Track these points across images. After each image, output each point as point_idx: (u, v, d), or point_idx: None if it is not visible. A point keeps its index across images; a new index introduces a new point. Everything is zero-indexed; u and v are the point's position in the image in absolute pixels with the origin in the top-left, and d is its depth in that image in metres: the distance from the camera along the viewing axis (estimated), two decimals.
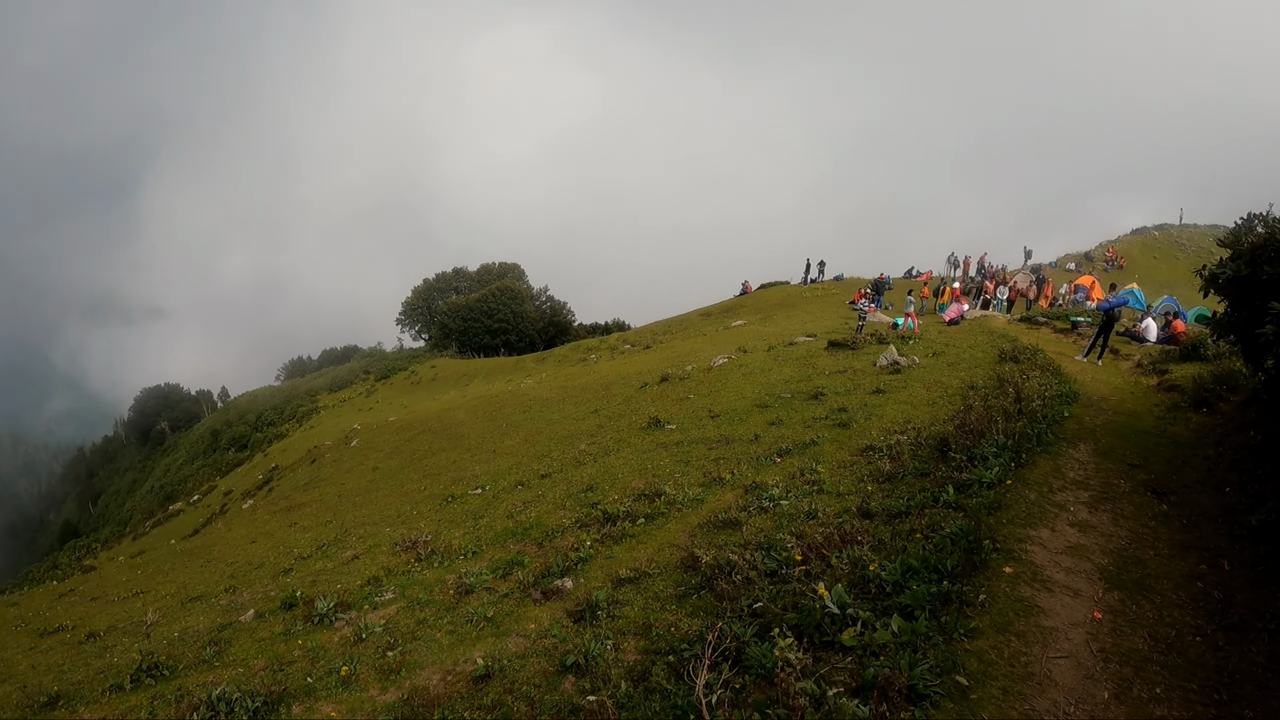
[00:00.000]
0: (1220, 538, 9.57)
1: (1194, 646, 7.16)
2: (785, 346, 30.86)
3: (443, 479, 23.15)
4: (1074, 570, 8.51)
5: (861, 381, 20.43)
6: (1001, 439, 12.12)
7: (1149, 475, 11.77)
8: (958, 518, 9.25)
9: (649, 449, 18.22)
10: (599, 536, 12.31)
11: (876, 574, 8.04)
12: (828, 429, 15.86)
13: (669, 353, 40.86)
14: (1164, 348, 22.79)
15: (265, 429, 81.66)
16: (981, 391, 16.52)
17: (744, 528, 11.01)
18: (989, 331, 27.75)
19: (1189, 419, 14.70)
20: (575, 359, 60.77)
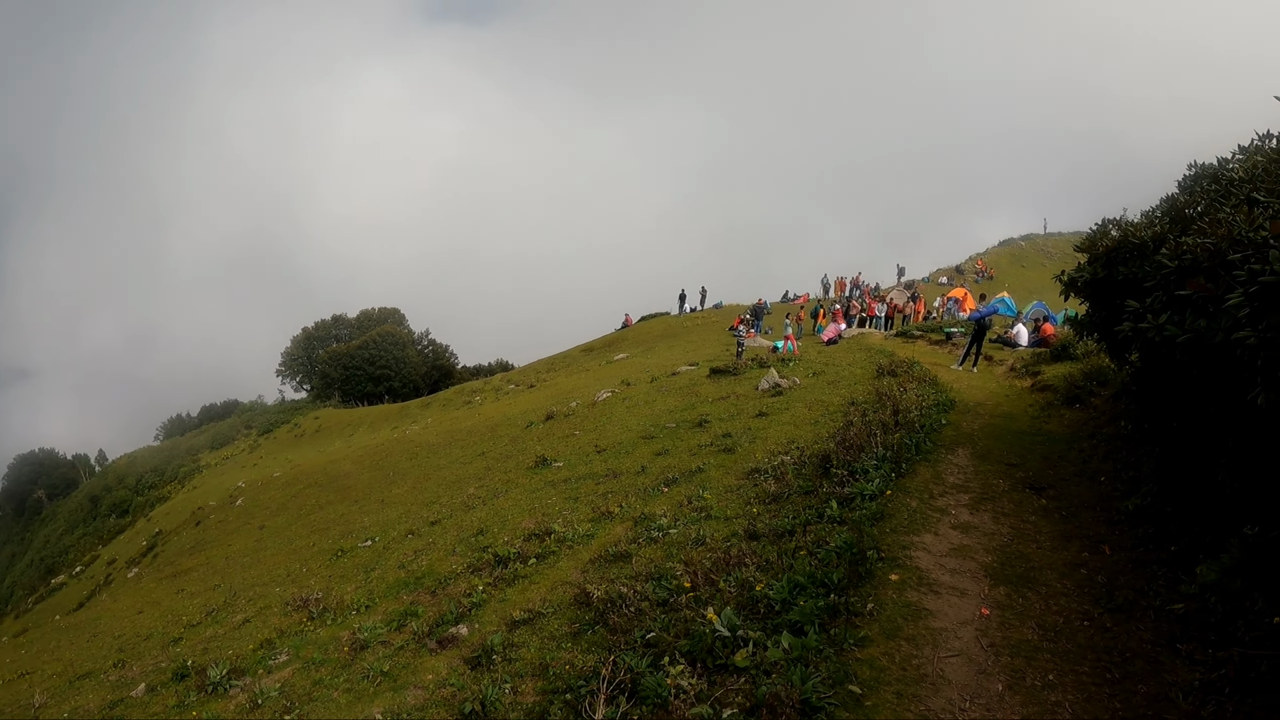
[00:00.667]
0: (1099, 525, 9.94)
1: (1082, 631, 7.37)
2: (668, 377, 31.26)
3: (332, 533, 22.65)
4: (959, 571, 8.71)
5: (744, 406, 20.73)
6: (881, 451, 12.40)
7: (1027, 473, 12.20)
8: (842, 531, 9.39)
9: (537, 488, 18.21)
10: (491, 580, 12.28)
11: (764, 593, 8.08)
12: (713, 455, 16.02)
13: (553, 390, 40.99)
14: (1035, 350, 23.68)
15: (147, 492, 78.54)
16: (861, 407, 16.88)
17: (634, 559, 11.06)
18: (866, 348, 28.46)
19: (1062, 416, 15.27)
20: (460, 402, 60.25)
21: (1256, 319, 5.29)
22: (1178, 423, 10.03)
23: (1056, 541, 9.52)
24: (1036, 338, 26.28)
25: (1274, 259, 5.19)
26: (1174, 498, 9.56)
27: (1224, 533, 7.99)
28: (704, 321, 56.24)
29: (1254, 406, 5.39)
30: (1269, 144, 10.16)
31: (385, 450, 38.05)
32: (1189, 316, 7.14)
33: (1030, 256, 75.55)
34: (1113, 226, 11.58)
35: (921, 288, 56.45)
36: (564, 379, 46.96)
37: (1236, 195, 9.22)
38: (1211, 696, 6.10)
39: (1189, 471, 9.39)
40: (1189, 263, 7.75)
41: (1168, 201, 11.05)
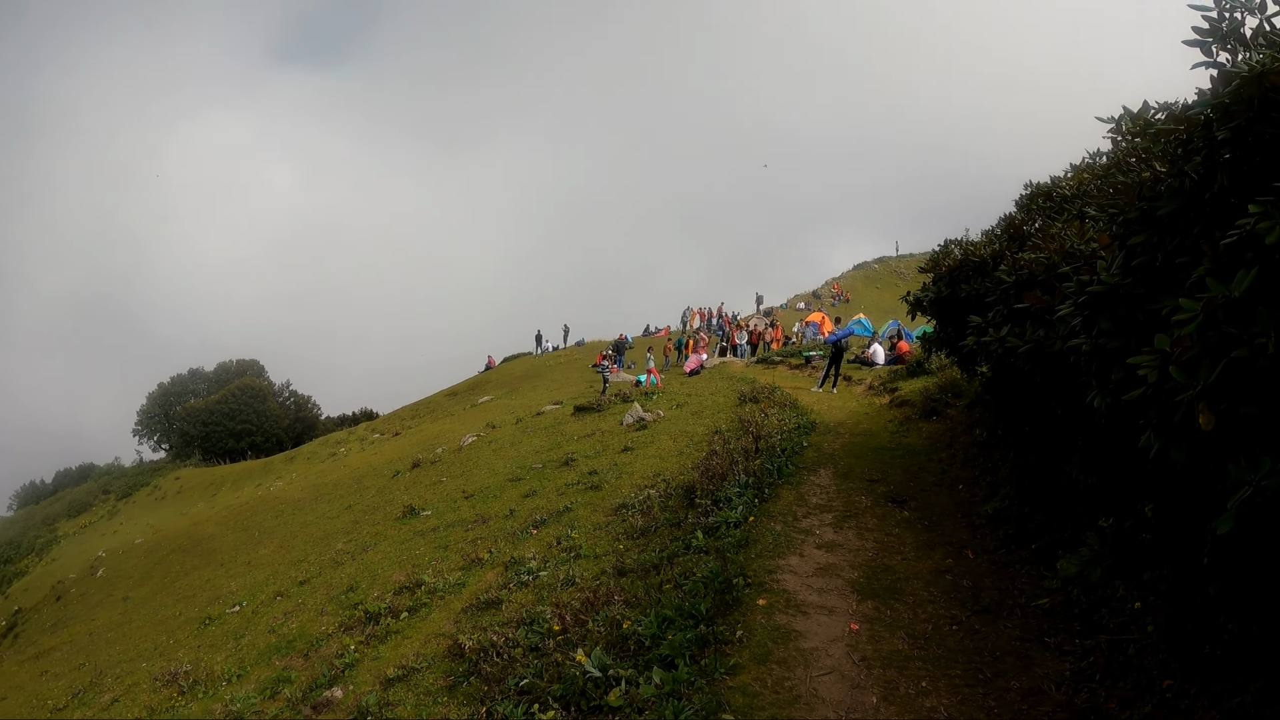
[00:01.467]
0: (961, 531, 10.23)
1: (952, 635, 7.51)
2: (533, 417, 31.16)
3: (198, 600, 21.67)
4: (826, 589, 8.79)
5: (610, 442, 20.74)
6: (744, 478, 12.50)
7: (888, 487, 12.46)
8: (709, 560, 9.40)
9: (407, 539, 17.82)
10: (364, 638, 11.91)
11: (634, 630, 8.01)
12: (581, 493, 15.93)
13: (419, 437, 40.51)
14: (892, 368, 24.39)
15: (2, 567, 73.34)
16: (724, 435, 17.03)
17: (505, 606, 10.85)
18: (728, 377, 28.90)
19: (921, 429, 15.72)
20: (325, 454, 58.84)
21: (1088, 326, 5.52)
22: (1029, 427, 10.42)
23: (920, 551, 9.72)
24: (893, 355, 27.12)
25: (1101, 269, 5.43)
26: (1031, 498, 9.92)
27: (1081, 527, 8.33)
28: (567, 359, 56.40)
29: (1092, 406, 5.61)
30: (1098, 161, 10.69)
31: (250, 509, 36.77)
32: (1029, 327, 7.43)
33: (884, 278, 78.26)
34: (955, 246, 12.02)
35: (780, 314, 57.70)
36: (429, 425, 46.48)
37: (1069, 211, 9.69)
38: (1083, 685, 6.29)
39: (1043, 472, 9.77)
40: (1026, 277, 8.09)
41: (1006, 220, 11.52)
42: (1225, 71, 4.31)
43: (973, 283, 10.57)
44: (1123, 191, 5.73)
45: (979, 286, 10.15)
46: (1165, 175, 5.10)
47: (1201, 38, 4.79)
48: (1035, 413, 9.63)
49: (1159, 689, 5.75)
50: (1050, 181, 11.83)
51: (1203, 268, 4.25)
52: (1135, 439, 4.86)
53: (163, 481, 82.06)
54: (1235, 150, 4.33)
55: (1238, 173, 4.32)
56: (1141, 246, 5.12)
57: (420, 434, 42.20)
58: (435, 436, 36.63)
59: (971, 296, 10.44)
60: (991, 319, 8.74)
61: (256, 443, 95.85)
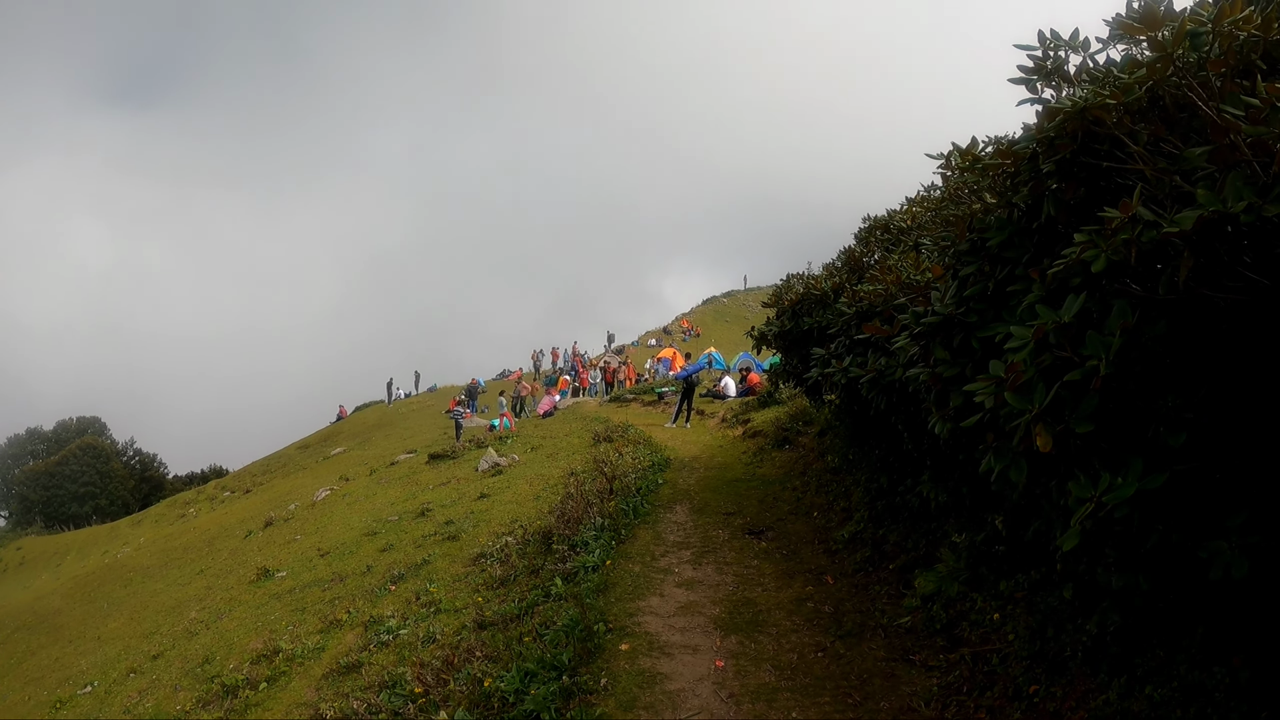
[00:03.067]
0: (820, 558, 10.36)
1: (818, 663, 7.53)
2: (387, 467, 30.50)
3: (47, 682, 20.06)
4: (689, 628, 8.73)
5: (466, 489, 20.37)
6: (600, 520, 12.38)
7: (745, 519, 12.55)
8: (569, 608, 9.24)
9: (262, 603, 16.97)
10: (222, 714, 11.33)
11: (496, 687, 7.81)
12: (438, 544, 15.52)
13: (271, 493, 38.93)
14: (744, 400, 24.75)
15: None
16: (580, 477, 16.89)
17: (365, 669, 10.41)
18: (582, 417, 28.85)
19: (774, 458, 15.94)
20: (174, 515, 55.93)
21: (925, 355, 5.64)
22: (879, 450, 10.70)
23: (781, 581, 9.78)
24: (744, 387, 27.52)
25: (935, 300, 5.57)
26: (885, 519, 10.17)
27: (936, 544, 8.57)
28: (420, 406, 55.56)
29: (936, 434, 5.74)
30: (933, 194, 11.07)
31: (97, 579, 34.58)
32: (870, 357, 7.61)
33: (733, 311, 79.53)
34: (797, 281, 12.30)
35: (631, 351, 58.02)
36: (281, 480, 44.85)
37: (905, 243, 9.99)
38: (952, 698, 6.38)
39: (895, 493, 10.03)
40: (865, 308, 8.29)
41: (846, 252, 11.81)
42: (1050, 107, 4.46)
43: (815, 315, 10.82)
44: (954, 224, 5.90)
45: (821, 319, 10.39)
46: (994, 207, 5.27)
47: (1026, 75, 4.98)
48: (883, 437, 9.89)
49: (1026, 695, 5.88)
50: (887, 214, 12.19)
51: (1033, 295, 4.38)
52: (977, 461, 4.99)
53: (3, 552, 76.91)
54: (1060, 181, 4.50)
55: (1063, 203, 4.49)
56: (973, 276, 5.27)
57: (272, 490, 40.73)
58: (288, 492, 35.45)
59: (814, 329, 10.69)
60: (834, 350, 8.94)
61: (101, 506, 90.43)
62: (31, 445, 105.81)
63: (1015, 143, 5.07)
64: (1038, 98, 5.02)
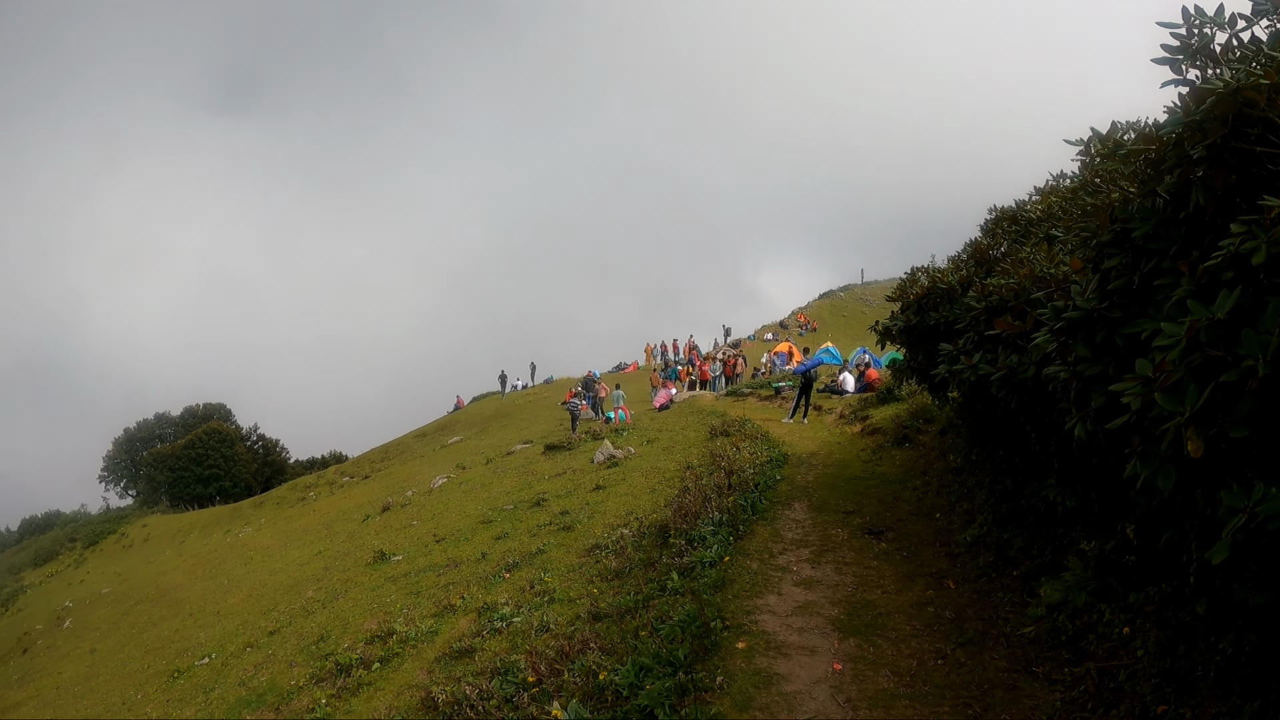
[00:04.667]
0: (941, 560, 10.05)
1: (937, 670, 7.31)
2: (503, 457, 30.82)
3: (167, 652, 21.02)
4: (807, 628, 8.58)
5: (582, 480, 20.48)
6: (718, 515, 12.27)
7: (864, 518, 12.29)
8: (685, 603, 9.16)
9: (378, 585, 17.40)
10: (335, 690, 11.62)
11: (610, 680, 7.76)
12: (553, 534, 15.64)
13: (389, 480, 39.77)
14: (862, 396, 24.33)
15: None
16: (696, 471, 16.82)
17: (478, 655, 10.53)
18: (699, 411, 28.69)
19: (893, 457, 15.60)
20: (294, 499, 57.83)
21: (1064, 352, 5.39)
22: (1004, 451, 10.33)
23: (901, 583, 9.53)
24: (862, 383, 27.05)
25: (1075, 294, 5.30)
26: (1010, 523, 9.79)
27: (1062, 551, 8.21)
28: (535, 398, 55.99)
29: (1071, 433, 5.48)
30: (1062, 183, 10.65)
31: (219, 557, 36.14)
32: (1001, 354, 7.32)
33: (850, 306, 78.55)
34: (921, 274, 11.94)
35: (747, 345, 57.72)
36: (399, 467, 45.75)
37: (1036, 234, 9.63)
38: (1075, 714, 6.11)
39: (1021, 497, 9.65)
40: (995, 303, 7.99)
41: (972, 245, 11.47)
42: (1199, 88, 4.20)
43: (941, 310, 10.50)
44: (1093, 214, 5.63)
45: (948, 314, 10.08)
46: (1136, 196, 5.00)
47: (1171, 55, 4.70)
48: (1009, 437, 9.53)
49: (1154, 715, 5.60)
50: (1015, 205, 11.80)
51: (1182, 289, 4.14)
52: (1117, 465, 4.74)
53: (130, 529, 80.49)
54: (1210, 168, 4.22)
55: (1212, 191, 4.21)
56: (1117, 269, 5.01)
57: (390, 476, 41.57)
58: (405, 479, 36.12)
59: (941, 324, 10.36)
60: (962, 346, 8.64)
61: (225, 488, 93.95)
62: (160, 429, 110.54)
63: (1161, 127, 4.81)
64: (1182, 79, 4.75)
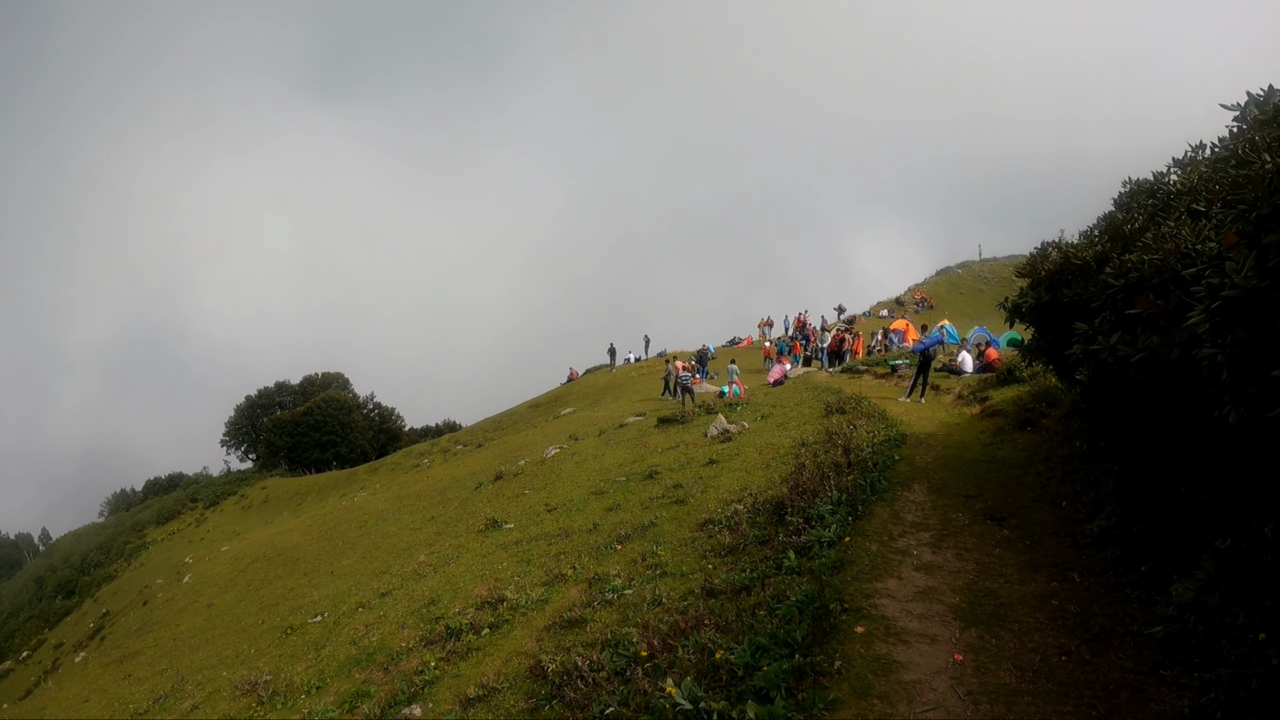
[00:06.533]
0: (1065, 551, 9.64)
1: (1061, 667, 7.01)
2: (616, 429, 30.98)
3: (281, 609, 21.80)
4: (927, 615, 8.31)
5: (694, 454, 20.41)
6: (836, 494, 12.01)
7: (985, 503, 11.90)
8: (802, 583, 8.97)
9: (489, 552, 17.65)
10: (444, 654, 11.81)
11: (726, 659, 7.61)
12: (665, 508, 15.60)
13: (501, 449, 40.31)
14: (981, 376, 23.62)
15: (93, 571, 76.03)
16: (812, 448, 16.55)
17: (589, 625, 10.63)
18: (813, 387, 28.30)
19: (1015, 440, 15.06)
20: (408, 465, 59.44)
21: (1217, 334, 5.00)
22: (1133, 439, 9.78)
23: (1024, 573, 9.18)
24: (981, 363, 26.28)
25: (1231, 271, 4.90)
26: (1139, 516, 9.28)
27: (1195, 548, 7.69)
28: (649, 370, 55.98)
29: (1220, 421, 5.09)
30: (1202, 154, 10.03)
31: (334, 519, 37.22)
32: (1140, 335, 6.89)
33: (968, 283, 76.58)
34: (1052, 249, 11.38)
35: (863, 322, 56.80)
36: (512, 436, 46.44)
37: (1177, 208, 9.06)
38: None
39: (1151, 488, 9.13)
40: (1135, 280, 7.53)
41: (1106, 219, 10.88)
42: None
43: (1075, 287, 9.95)
44: (1248, 185, 5.21)
45: (1082, 291, 9.55)
46: None
47: None
48: (1141, 425, 9.01)
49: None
50: (1153, 177, 11.13)
51: None
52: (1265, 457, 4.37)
53: (249, 491, 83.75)
54: None
55: None
56: (1277, 245, 4.61)
57: (503, 445, 42.11)
58: (518, 448, 36.52)
59: (1074, 302, 9.83)
60: (1098, 325, 8.18)
61: (341, 454, 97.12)
62: (280, 396, 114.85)
63: None
64: None
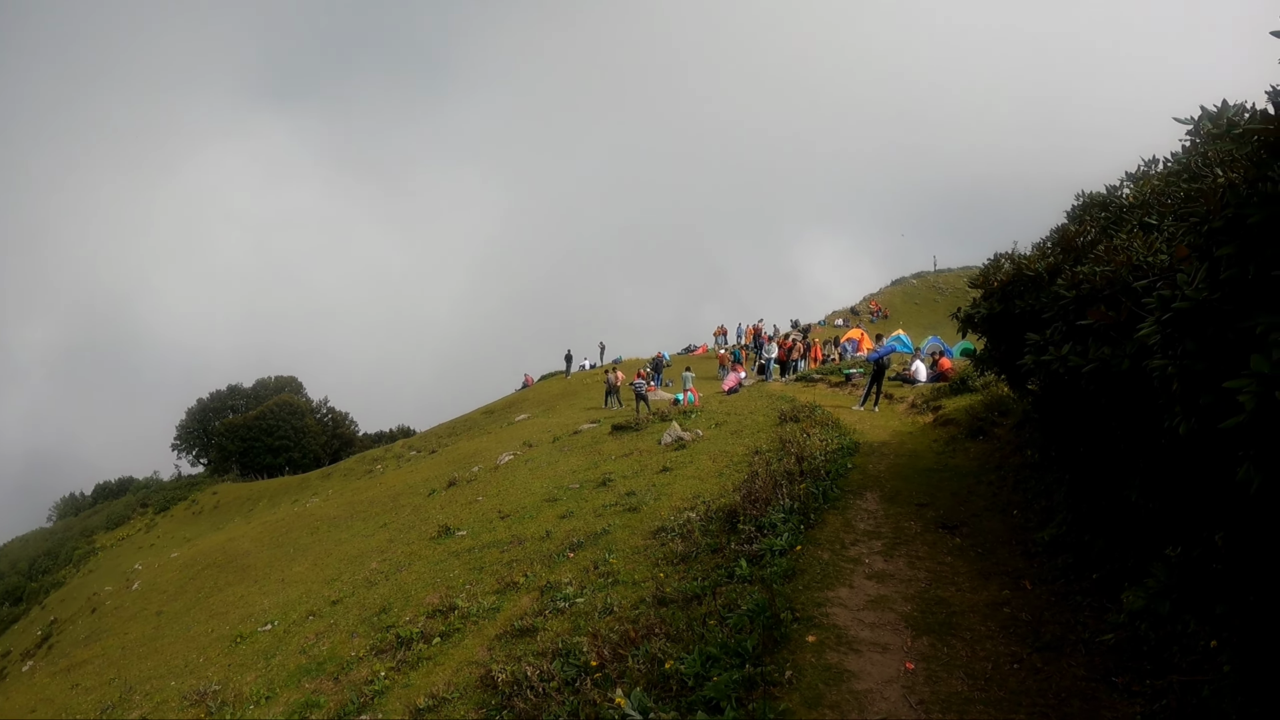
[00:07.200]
0: (1017, 559, 9.65)
1: (1013, 675, 6.98)
2: (570, 435, 30.91)
3: (231, 617, 21.47)
4: (879, 624, 8.27)
5: (648, 461, 20.36)
6: (788, 502, 11.97)
7: (937, 511, 11.90)
8: (754, 591, 8.89)
9: (441, 559, 17.44)
10: (395, 663, 11.67)
11: (676, 669, 7.53)
12: (618, 515, 15.51)
13: (455, 454, 40.15)
14: (935, 385, 23.78)
15: (40, 577, 73.93)
16: (766, 456, 16.55)
17: (540, 634, 10.51)
18: (768, 395, 28.41)
19: (967, 449, 15.13)
20: (362, 471, 59.13)
21: (1168, 346, 5.00)
22: (1084, 448, 9.84)
23: (975, 581, 9.16)
24: (935, 373, 26.50)
25: (1183, 284, 4.91)
26: (1090, 524, 9.31)
27: (1146, 556, 7.72)
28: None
29: (1171, 431, 5.10)
30: (1155, 168, 10.13)
31: (286, 526, 36.83)
32: (1092, 345, 6.92)
33: (923, 294, 77.28)
34: (1005, 260, 11.44)
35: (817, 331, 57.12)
36: (466, 443, 46.21)
37: (1129, 221, 9.13)
38: None
39: (1102, 497, 9.17)
40: (1087, 292, 7.56)
41: (1058, 232, 10.96)
42: None
43: (1027, 298, 10.00)
44: (1200, 198, 5.23)
45: (1034, 302, 9.59)
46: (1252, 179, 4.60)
47: None
48: (1092, 434, 9.06)
49: None
50: (1106, 190, 11.22)
51: None
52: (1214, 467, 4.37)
53: (200, 496, 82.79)
54: None
55: None
56: (1229, 258, 4.62)
57: (457, 451, 41.93)
58: (472, 454, 36.39)
59: (1026, 312, 9.88)
60: (1050, 336, 8.22)
61: (294, 459, 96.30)
62: (232, 400, 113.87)
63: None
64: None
